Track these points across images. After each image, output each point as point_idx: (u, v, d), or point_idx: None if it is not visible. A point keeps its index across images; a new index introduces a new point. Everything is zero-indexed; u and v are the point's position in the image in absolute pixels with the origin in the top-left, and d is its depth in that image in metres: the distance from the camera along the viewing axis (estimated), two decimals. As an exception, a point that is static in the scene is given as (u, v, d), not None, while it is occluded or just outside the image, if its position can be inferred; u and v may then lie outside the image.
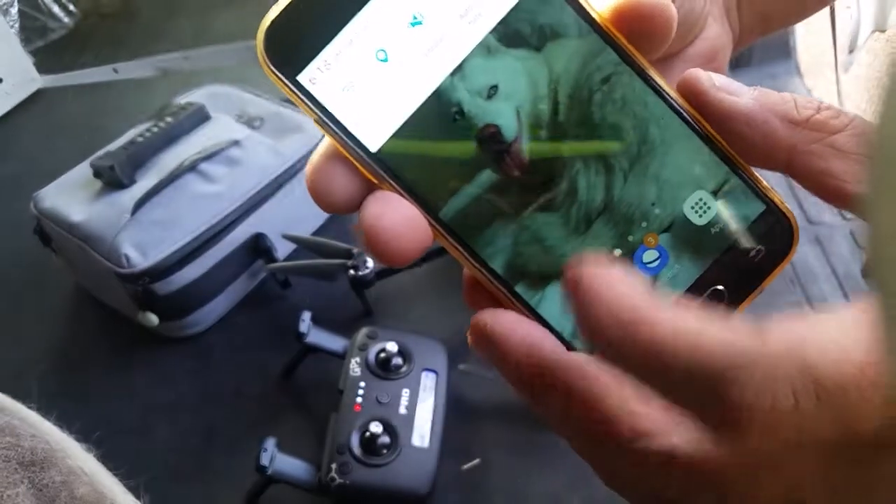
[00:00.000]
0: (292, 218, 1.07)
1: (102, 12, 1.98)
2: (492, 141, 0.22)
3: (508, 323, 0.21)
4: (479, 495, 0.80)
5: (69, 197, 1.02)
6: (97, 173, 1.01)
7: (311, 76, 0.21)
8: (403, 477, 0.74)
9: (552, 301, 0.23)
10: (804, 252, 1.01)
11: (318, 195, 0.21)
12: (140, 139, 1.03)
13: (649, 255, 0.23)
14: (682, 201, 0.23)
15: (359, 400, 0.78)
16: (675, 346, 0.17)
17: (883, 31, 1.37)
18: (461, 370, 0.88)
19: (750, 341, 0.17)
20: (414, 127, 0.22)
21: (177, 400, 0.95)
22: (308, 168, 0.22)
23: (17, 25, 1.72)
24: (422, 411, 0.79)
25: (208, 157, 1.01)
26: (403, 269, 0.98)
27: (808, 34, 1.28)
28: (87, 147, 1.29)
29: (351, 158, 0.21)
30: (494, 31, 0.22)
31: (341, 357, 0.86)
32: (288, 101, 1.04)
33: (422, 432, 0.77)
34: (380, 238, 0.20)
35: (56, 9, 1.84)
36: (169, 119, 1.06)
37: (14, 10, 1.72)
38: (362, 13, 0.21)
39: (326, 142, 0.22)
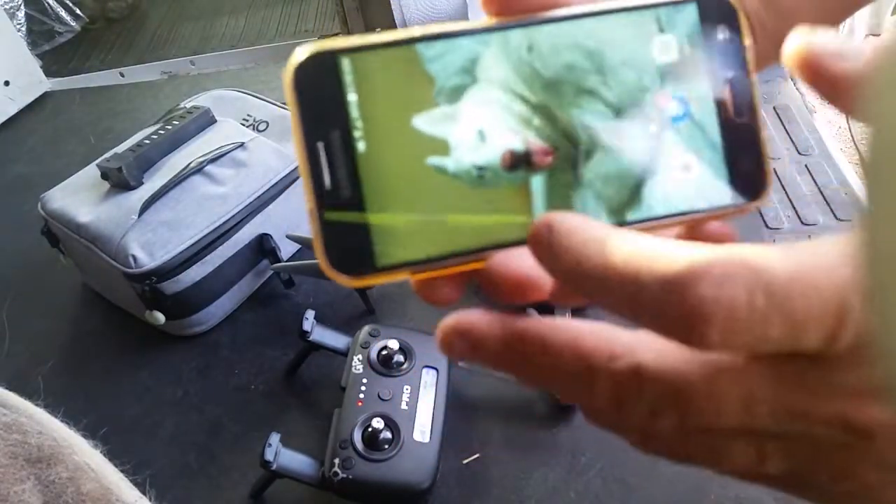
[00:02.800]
0: (296, 219, 1.08)
1: (109, 17, 1.99)
2: (517, 162, 0.24)
3: (476, 320, 0.22)
4: (479, 488, 0.81)
5: (77, 198, 1.02)
6: (105, 175, 1.01)
7: None
8: (405, 471, 0.75)
9: None
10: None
11: None
12: (147, 142, 1.03)
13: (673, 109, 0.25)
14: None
15: (361, 396, 0.79)
16: (639, 266, 0.19)
17: (877, 34, 1.38)
18: (461, 367, 0.89)
19: (707, 252, 0.19)
20: (474, 204, 0.23)
21: (183, 397, 0.96)
22: None
23: (24, 29, 1.73)
24: (423, 407, 0.79)
25: (214, 159, 1.02)
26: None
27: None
28: (93, 149, 1.30)
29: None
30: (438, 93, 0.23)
31: (344, 354, 0.86)
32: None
33: (423, 427, 0.78)
34: (509, 278, 0.23)
35: (63, 13, 1.85)
36: (176, 122, 1.06)
37: (21, 14, 1.73)
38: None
39: None
